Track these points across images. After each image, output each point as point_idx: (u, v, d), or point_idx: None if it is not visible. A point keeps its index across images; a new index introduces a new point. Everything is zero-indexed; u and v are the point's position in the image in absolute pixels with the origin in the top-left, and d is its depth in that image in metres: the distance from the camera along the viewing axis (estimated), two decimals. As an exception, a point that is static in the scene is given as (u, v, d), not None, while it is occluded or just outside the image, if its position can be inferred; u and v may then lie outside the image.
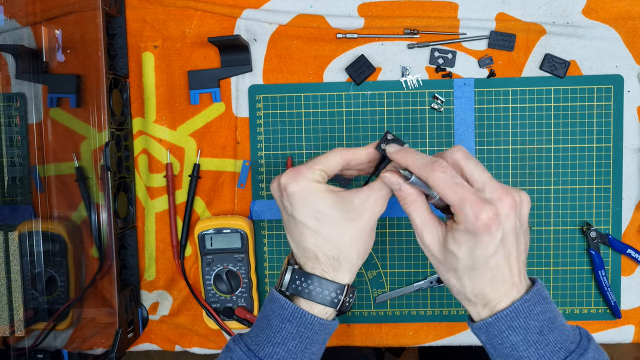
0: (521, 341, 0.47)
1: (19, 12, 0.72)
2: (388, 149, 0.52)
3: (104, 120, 0.72)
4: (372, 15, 0.75)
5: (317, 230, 0.51)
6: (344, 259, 0.51)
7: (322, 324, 0.51)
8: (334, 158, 0.53)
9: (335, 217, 0.50)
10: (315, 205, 0.50)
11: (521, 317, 0.47)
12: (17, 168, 0.75)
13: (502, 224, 0.46)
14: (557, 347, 0.46)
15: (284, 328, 0.50)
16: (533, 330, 0.47)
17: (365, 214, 0.51)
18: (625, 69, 0.74)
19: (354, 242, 0.51)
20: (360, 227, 0.51)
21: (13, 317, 0.71)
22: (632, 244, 0.76)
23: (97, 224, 0.74)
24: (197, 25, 0.77)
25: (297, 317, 0.50)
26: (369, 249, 0.53)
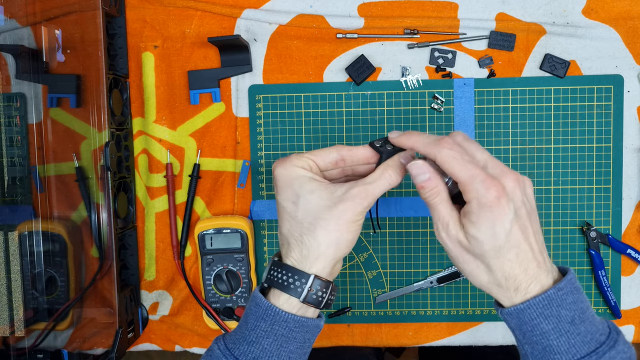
0: (552, 330, 0.46)
1: (19, 12, 0.72)
2: (391, 135, 0.52)
3: (104, 120, 0.72)
4: (372, 15, 0.75)
5: (292, 213, 0.50)
6: (312, 244, 0.49)
7: (297, 321, 0.49)
8: (328, 151, 0.52)
9: (311, 202, 0.49)
10: (295, 189, 0.50)
11: (554, 305, 0.46)
12: (17, 168, 0.75)
13: (511, 197, 0.46)
14: (587, 338, 0.46)
15: (258, 326, 0.50)
16: (565, 320, 0.46)
17: (342, 204, 0.49)
18: (625, 69, 0.74)
19: (323, 229, 0.49)
20: (334, 215, 0.49)
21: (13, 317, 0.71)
22: (632, 244, 0.76)
23: (97, 224, 0.74)
24: (197, 25, 0.77)
25: (271, 315, 0.49)
26: (343, 241, 0.49)
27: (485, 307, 0.78)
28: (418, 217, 0.77)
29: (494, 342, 0.79)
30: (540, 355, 0.47)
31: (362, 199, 0.49)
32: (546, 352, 0.47)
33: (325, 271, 0.50)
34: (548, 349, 0.46)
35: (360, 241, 0.78)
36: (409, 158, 0.51)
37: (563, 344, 0.46)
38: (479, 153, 0.48)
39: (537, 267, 0.47)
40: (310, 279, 0.49)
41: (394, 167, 0.51)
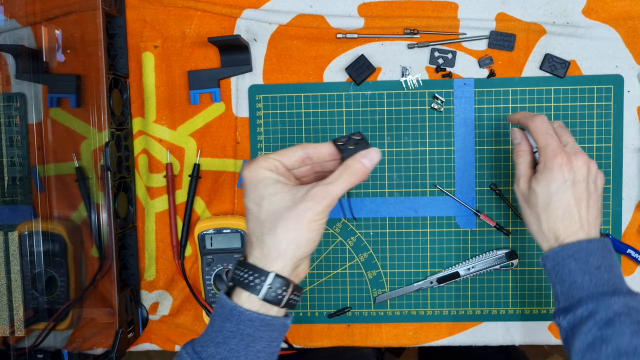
0: (578, 270, 0.57)
1: (19, 12, 0.72)
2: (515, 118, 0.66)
3: (104, 120, 0.72)
4: (372, 15, 0.75)
5: (256, 214, 0.51)
6: (271, 243, 0.50)
7: (262, 320, 0.50)
8: (294, 150, 0.53)
9: (274, 203, 0.50)
10: (260, 191, 0.51)
11: (583, 252, 0.57)
12: (17, 168, 0.75)
13: (574, 171, 0.59)
14: (608, 284, 0.56)
15: (224, 327, 0.50)
16: (592, 265, 0.56)
17: (302, 203, 0.49)
18: (625, 69, 0.74)
19: (282, 227, 0.49)
20: (294, 214, 0.49)
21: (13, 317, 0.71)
22: (632, 244, 0.76)
23: (97, 224, 0.74)
24: (197, 25, 0.77)
25: (236, 315, 0.50)
26: (303, 240, 0.50)
27: (485, 307, 0.78)
28: (418, 217, 0.77)
29: (494, 342, 0.79)
30: (567, 291, 0.57)
31: (322, 198, 0.49)
32: (571, 288, 0.57)
33: (286, 270, 0.50)
34: (572, 285, 0.57)
35: (360, 241, 0.78)
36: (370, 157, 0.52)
37: (586, 281, 0.56)
38: (566, 136, 0.62)
39: (579, 228, 0.58)
40: (269, 276, 0.50)
41: (354, 167, 0.51)
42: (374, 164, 0.52)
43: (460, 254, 0.77)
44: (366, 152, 0.52)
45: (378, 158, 0.52)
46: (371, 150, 0.52)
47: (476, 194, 0.76)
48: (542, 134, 0.61)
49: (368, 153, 0.52)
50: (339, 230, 0.78)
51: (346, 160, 0.51)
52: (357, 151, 0.52)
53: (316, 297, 0.79)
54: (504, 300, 0.78)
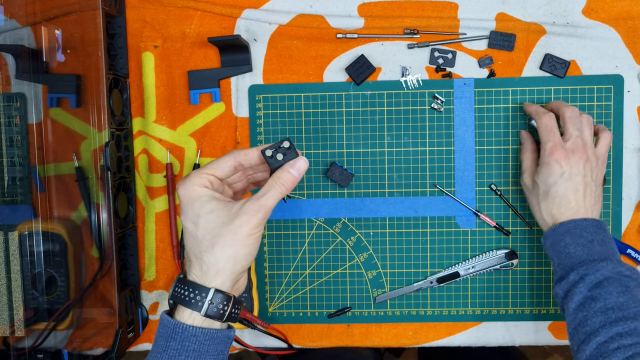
0: (572, 242, 0.63)
1: (19, 12, 0.72)
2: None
3: (104, 120, 0.72)
4: (372, 15, 0.75)
5: (193, 233, 0.52)
6: (210, 260, 0.51)
7: (206, 334, 0.50)
8: (224, 160, 0.53)
9: (210, 221, 0.51)
10: (196, 209, 0.51)
11: (578, 228, 0.63)
12: (17, 168, 0.75)
13: (571, 165, 0.64)
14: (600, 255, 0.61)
15: (169, 346, 0.50)
16: (585, 239, 0.62)
17: (237, 219, 0.50)
18: (625, 69, 0.74)
19: (220, 245, 0.50)
20: (231, 230, 0.50)
21: (13, 317, 0.71)
22: (632, 244, 0.76)
23: (97, 224, 0.74)
24: (197, 25, 0.77)
25: (179, 332, 0.50)
26: (241, 255, 0.51)
27: (485, 307, 0.78)
28: (418, 217, 0.77)
29: (493, 342, 0.79)
30: (563, 262, 0.63)
31: (256, 211, 0.50)
32: (566, 258, 0.63)
33: (226, 285, 0.51)
34: (567, 256, 0.63)
35: (360, 241, 0.78)
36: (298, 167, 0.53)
37: (579, 252, 0.62)
38: (572, 129, 0.66)
39: (575, 212, 0.64)
40: (210, 292, 0.50)
41: (282, 178, 0.52)
42: (302, 173, 0.53)
43: (460, 254, 0.77)
44: (294, 161, 0.53)
45: (305, 167, 0.53)
46: (299, 159, 0.53)
47: (476, 194, 0.76)
48: (545, 131, 0.67)
49: (296, 162, 0.53)
50: (339, 230, 0.78)
51: (275, 171, 0.53)
52: (286, 161, 0.52)
53: (316, 297, 0.79)
54: (504, 300, 0.78)
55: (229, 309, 0.51)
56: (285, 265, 0.79)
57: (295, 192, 0.78)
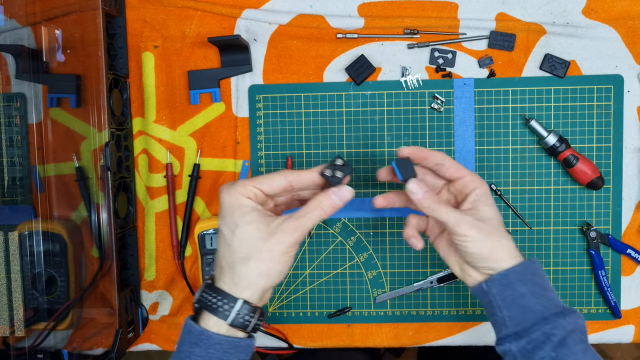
0: (528, 292, 0.55)
1: (19, 12, 0.72)
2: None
3: (104, 120, 0.72)
4: (372, 15, 0.75)
5: (228, 240, 0.52)
6: (243, 273, 0.51)
7: (230, 342, 0.51)
8: (276, 178, 0.54)
9: (248, 232, 0.51)
10: (236, 218, 0.52)
11: (528, 273, 0.56)
12: (17, 168, 0.75)
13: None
14: (555, 303, 0.56)
15: (193, 352, 0.51)
16: (539, 286, 0.56)
17: (275, 236, 0.51)
18: (625, 69, 0.74)
19: (255, 259, 0.51)
20: (267, 247, 0.51)
21: (13, 317, 0.71)
22: (632, 244, 0.76)
23: (97, 224, 0.74)
24: (197, 25, 0.77)
25: (204, 339, 0.51)
26: (274, 272, 0.52)
27: (485, 307, 0.78)
28: (418, 217, 0.77)
29: (493, 342, 0.79)
30: (517, 316, 0.55)
31: (293, 231, 0.51)
32: (523, 312, 0.55)
33: (254, 297, 0.52)
34: (524, 309, 0.55)
35: (360, 241, 0.78)
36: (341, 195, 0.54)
37: (537, 304, 0.55)
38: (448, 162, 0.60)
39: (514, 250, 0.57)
40: (238, 303, 0.51)
41: (323, 203, 0.53)
42: (344, 202, 0.54)
43: (460, 254, 0.77)
44: (338, 189, 0.54)
45: (349, 197, 0.54)
46: (343, 188, 0.54)
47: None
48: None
49: (340, 190, 0.54)
50: (339, 230, 0.78)
51: (320, 193, 0.54)
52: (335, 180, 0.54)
53: (316, 297, 0.79)
54: (504, 300, 0.78)
55: (254, 321, 0.52)
56: (285, 265, 0.79)
57: (295, 192, 0.78)
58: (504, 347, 0.56)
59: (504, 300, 0.56)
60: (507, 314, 0.56)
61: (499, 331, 0.57)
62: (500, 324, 0.56)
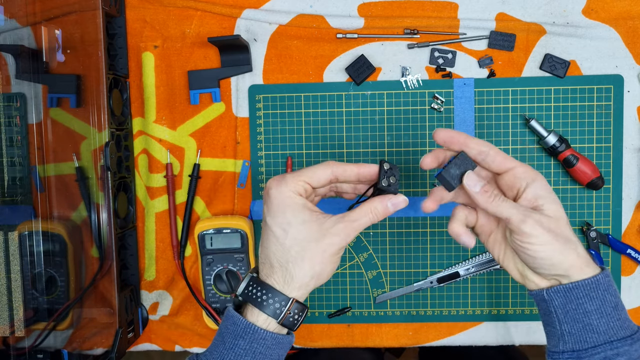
0: (595, 310, 0.50)
1: (19, 12, 0.72)
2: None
3: (104, 120, 0.72)
4: (372, 15, 0.75)
5: (281, 239, 0.52)
6: (296, 274, 0.51)
7: (274, 338, 0.51)
8: (322, 170, 0.53)
9: (301, 232, 0.51)
10: (287, 216, 0.51)
11: (600, 289, 0.50)
12: (17, 168, 0.75)
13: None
14: (625, 324, 0.50)
15: (237, 344, 0.51)
16: (609, 304, 0.50)
17: (328, 238, 0.51)
18: (625, 69, 0.74)
19: (309, 260, 0.51)
20: (320, 248, 0.51)
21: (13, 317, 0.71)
22: (632, 244, 0.76)
23: (97, 224, 0.74)
24: (197, 25, 0.77)
25: (250, 333, 0.51)
26: (325, 273, 0.52)
27: (485, 307, 0.78)
28: (418, 217, 0.77)
29: (493, 342, 0.79)
30: (578, 333, 0.50)
31: (346, 235, 0.51)
32: (585, 331, 0.50)
33: (303, 297, 0.53)
34: (588, 328, 0.50)
35: (360, 241, 0.78)
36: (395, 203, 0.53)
37: (603, 324, 0.50)
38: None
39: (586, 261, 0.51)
40: (289, 302, 0.51)
41: (378, 209, 0.53)
42: (396, 210, 0.53)
43: (460, 254, 0.77)
44: (395, 197, 0.53)
45: (402, 206, 0.53)
46: (399, 197, 0.53)
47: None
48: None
49: (396, 199, 0.53)
50: (339, 230, 0.78)
51: (374, 199, 0.53)
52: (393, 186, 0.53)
53: (316, 297, 0.79)
54: (504, 300, 0.78)
55: (301, 319, 0.53)
56: (285, 265, 0.79)
57: (295, 192, 0.78)
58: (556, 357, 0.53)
59: (566, 315, 0.51)
60: (567, 329, 0.51)
61: (555, 344, 0.53)
62: (558, 337, 0.52)
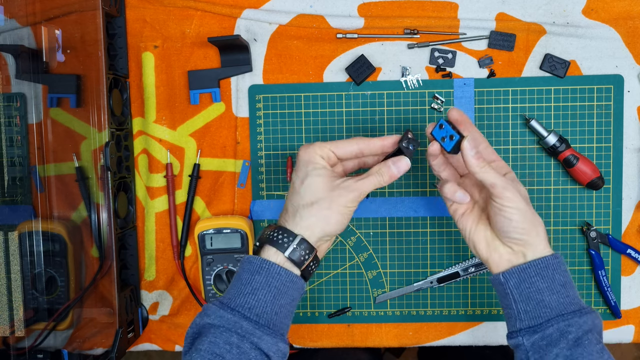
0: (546, 288, 0.55)
1: (19, 12, 0.72)
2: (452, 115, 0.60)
3: (104, 120, 0.72)
4: (372, 15, 0.75)
5: (297, 188, 0.59)
6: (304, 214, 0.58)
7: (288, 275, 0.56)
8: (349, 143, 0.60)
9: (314, 182, 0.58)
10: (308, 170, 0.59)
11: (550, 268, 0.56)
12: (17, 168, 0.75)
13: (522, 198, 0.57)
14: (574, 301, 0.56)
15: (254, 279, 0.56)
16: (558, 282, 0.56)
17: (337, 190, 0.57)
18: (625, 69, 0.74)
19: (317, 205, 0.57)
20: (329, 197, 0.57)
21: (13, 317, 0.71)
22: (632, 244, 0.76)
23: (97, 224, 0.74)
24: (197, 25, 0.77)
25: (265, 268, 0.56)
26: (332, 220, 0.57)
27: (485, 307, 0.78)
28: (418, 217, 0.77)
29: (494, 342, 0.79)
30: (533, 310, 0.56)
31: (352, 190, 0.57)
32: (539, 307, 0.55)
33: (312, 239, 0.57)
34: (541, 304, 0.55)
35: (360, 241, 0.78)
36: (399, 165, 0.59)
37: (554, 300, 0.55)
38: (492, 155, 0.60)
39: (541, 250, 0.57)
40: (297, 238, 0.57)
41: (381, 170, 0.59)
42: (401, 172, 0.58)
43: (460, 254, 0.77)
44: (397, 159, 0.59)
45: (406, 168, 0.59)
46: (402, 158, 0.59)
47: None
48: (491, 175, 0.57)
49: (399, 160, 0.59)
50: (339, 230, 0.78)
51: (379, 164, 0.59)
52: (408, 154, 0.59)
53: (316, 297, 0.79)
54: (504, 300, 0.78)
55: (309, 259, 0.57)
56: (285, 265, 0.79)
57: (295, 192, 0.78)
58: (516, 340, 0.56)
59: (521, 294, 0.56)
60: (522, 307, 0.56)
61: (512, 324, 0.57)
62: (515, 317, 0.57)
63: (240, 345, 0.54)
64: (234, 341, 0.54)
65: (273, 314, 0.56)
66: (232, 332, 0.54)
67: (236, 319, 0.55)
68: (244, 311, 0.55)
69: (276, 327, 0.56)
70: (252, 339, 0.54)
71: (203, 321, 0.56)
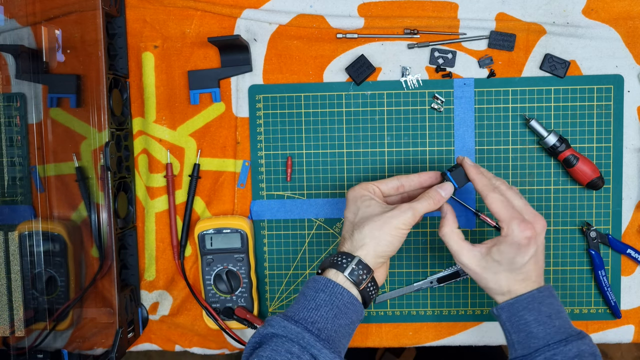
0: (533, 320, 0.59)
1: (19, 12, 0.72)
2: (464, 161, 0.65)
3: (104, 120, 0.72)
4: (372, 15, 0.75)
5: (352, 220, 0.63)
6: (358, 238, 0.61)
7: (350, 296, 0.59)
8: (391, 180, 0.66)
9: (366, 211, 0.62)
10: (358, 204, 0.63)
11: (535, 302, 0.60)
12: (17, 168, 0.75)
13: (537, 240, 0.60)
14: (560, 330, 0.59)
15: (318, 296, 0.59)
16: (544, 314, 0.59)
17: (390, 212, 0.61)
18: (625, 69, 0.74)
19: (370, 227, 0.60)
20: (381, 219, 0.60)
21: (13, 317, 0.71)
22: (632, 244, 0.76)
23: (97, 224, 0.74)
24: (197, 25, 0.77)
25: (330, 287, 0.59)
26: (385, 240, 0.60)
27: (485, 307, 0.78)
28: (418, 217, 0.77)
29: (493, 342, 0.79)
30: (524, 341, 0.60)
31: (406, 210, 0.61)
32: (528, 338, 0.59)
33: (367, 259, 0.60)
34: (530, 335, 0.59)
35: (360, 241, 0.78)
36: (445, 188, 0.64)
37: (541, 331, 0.59)
38: (517, 200, 0.62)
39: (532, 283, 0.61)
40: (355, 259, 0.60)
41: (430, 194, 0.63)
42: (447, 195, 0.64)
43: (460, 254, 0.77)
44: (443, 185, 0.64)
45: (451, 191, 0.64)
46: (446, 184, 0.64)
47: (476, 194, 0.76)
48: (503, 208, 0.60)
49: (444, 185, 0.64)
50: (339, 230, 0.78)
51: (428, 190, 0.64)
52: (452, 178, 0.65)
53: (316, 297, 0.79)
54: (504, 300, 0.78)
55: (367, 280, 0.60)
56: (285, 265, 0.79)
57: (295, 192, 0.78)
58: None
59: (512, 326, 0.61)
60: (515, 338, 0.60)
61: (510, 353, 0.62)
62: (511, 346, 0.61)
63: (301, 356, 0.55)
64: (295, 351, 0.55)
65: (333, 331, 0.58)
66: (294, 342, 0.56)
67: (299, 330, 0.56)
68: (307, 324, 0.57)
69: (335, 344, 0.58)
70: (313, 351, 0.56)
71: (266, 330, 0.58)
